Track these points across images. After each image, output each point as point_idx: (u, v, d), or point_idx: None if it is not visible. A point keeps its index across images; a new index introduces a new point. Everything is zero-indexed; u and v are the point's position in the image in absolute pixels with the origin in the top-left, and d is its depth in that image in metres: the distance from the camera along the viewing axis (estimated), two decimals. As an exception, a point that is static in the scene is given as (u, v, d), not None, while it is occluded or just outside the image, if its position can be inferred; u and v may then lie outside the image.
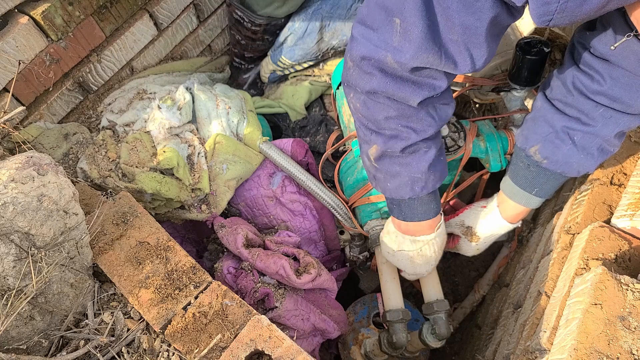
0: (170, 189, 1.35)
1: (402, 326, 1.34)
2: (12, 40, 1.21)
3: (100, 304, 1.06)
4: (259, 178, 1.53)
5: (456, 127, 1.38)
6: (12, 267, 0.87)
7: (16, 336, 0.93)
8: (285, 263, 1.27)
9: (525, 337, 1.17)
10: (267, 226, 1.58)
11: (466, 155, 1.38)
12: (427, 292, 1.37)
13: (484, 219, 1.28)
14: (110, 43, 1.48)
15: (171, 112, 1.44)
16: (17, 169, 0.91)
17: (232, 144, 1.46)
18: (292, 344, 0.92)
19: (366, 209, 1.47)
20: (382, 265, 1.43)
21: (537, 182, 1.14)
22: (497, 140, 1.42)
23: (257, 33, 1.77)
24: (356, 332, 1.61)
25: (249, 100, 1.64)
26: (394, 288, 1.40)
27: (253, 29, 1.75)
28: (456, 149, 1.34)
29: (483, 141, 1.42)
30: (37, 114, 1.38)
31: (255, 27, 1.74)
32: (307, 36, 1.73)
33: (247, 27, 1.74)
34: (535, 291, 1.26)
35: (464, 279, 2.26)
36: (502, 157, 1.42)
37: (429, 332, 1.33)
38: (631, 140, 1.29)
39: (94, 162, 1.34)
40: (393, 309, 1.35)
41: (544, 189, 1.15)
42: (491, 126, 1.47)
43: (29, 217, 0.89)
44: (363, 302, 1.73)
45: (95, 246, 1.11)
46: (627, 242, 1.03)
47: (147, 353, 0.97)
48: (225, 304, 1.02)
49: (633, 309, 0.88)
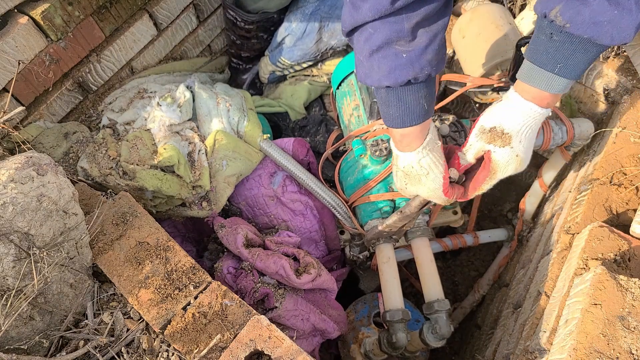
0: (171, 186, 1.35)
1: (402, 326, 1.34)
2: (11, 41, 1.21)
3: (100, 304, 1.06)
4: (260, 177, 1.54)
5: (457, 126, 1.38)
6: (12, 267, 0.87)
7: (16, 336, 0.93)
8: (285, 263, 1.27)
9: (525, 337, 1.17)
10: (268, 225, 1.58)
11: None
12: (428, 291, 1.37)
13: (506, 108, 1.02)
14: (110, 43, 1.48)
15: (171, 110, 1.45)
16: (16, 169, 0.91)
17: (233, 141, 1.47)
18: (291, 344, 0.92)
19: (366, 208, 1.47)
20: (383, 265, 1.43)
21: (560, 55, 0.92)
22: None
23: (250, 31, 1.78)
24: (356, 331, 1.61)
25: (249, 99, 1.64)
26: (394, 288, 1.40)
27: (246, 27, 1.75)
28: None
29: None
30: (36, 114, 1.38)
31: (248, 25, 1.74)
32: (306, 37, 1.73)
33: (241, 27, 1.75)
34: (535, 291, 1.26)
35: (464, 279, 2.26)
36: None
37: (430, 331, 1.33)
38: (631, 140, 1.29)
39: (94, 160, 1.34)
40: (393, 309, 1.35)
41: (569, 65, 0.92)
42: None
43: (29, 217, 0.89)
44: (364, 301, 1.73)
45: (95, 246, 1.11)
46: (626, 242, 1.03)
47: (147, 353, 0.97)
48: (225, 304, 1.02)
49: (632, 308, 0.88)
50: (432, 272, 1.39)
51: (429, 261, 1.41)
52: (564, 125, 1.44)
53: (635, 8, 0.83)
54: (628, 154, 1.26)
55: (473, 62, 1.50)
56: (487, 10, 1.52)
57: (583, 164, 1.46)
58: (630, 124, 1.31)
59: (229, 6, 1.70)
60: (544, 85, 0.96)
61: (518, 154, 1.03)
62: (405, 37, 0.92)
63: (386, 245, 1.47)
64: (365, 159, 1.44)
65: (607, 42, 0.88)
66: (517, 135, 1.01)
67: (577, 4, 0.86)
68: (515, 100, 1.00)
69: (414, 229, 1.48)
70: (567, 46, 0.91)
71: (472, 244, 1.78)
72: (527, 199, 1.71)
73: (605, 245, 1.03)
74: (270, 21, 1.76)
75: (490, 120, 1.03)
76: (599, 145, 1.41)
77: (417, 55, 0.93)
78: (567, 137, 1.42)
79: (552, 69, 0.94)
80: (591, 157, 1.41)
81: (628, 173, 1.23)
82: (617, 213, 1.17)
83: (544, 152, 1.80)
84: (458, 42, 1.59)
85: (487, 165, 1.05)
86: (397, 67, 0.94)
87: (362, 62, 0.99)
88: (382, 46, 0.93)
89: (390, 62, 0.94)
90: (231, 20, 1.75)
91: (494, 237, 1.81)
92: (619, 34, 0.86)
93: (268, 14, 1.72)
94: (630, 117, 1.33)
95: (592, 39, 0.88)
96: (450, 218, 1.69)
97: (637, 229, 1.05)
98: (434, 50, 0.95)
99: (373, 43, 0.93)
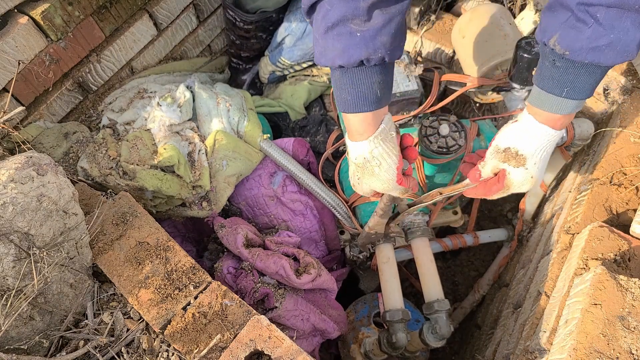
0: (171, 187, 1.35)
1: (402, 326, 1.34)
2: (11, 41, 1.21)
3: (100, 304, 1.06)
4: (260, 177, 1.54)
5: (457, 126, 1.38)
6: (12, 267, 0.87)
7: (16, 336, 0.93)
8: (285, 263, 1.27)
9: (525, 337, 1.17)
10: (268, 225, 1.58)
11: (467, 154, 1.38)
12: (428, 291, 1.37)
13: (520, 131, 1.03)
14: (109, 43, 1.48)
15: (171, 110, 1.45)
16: (16, 169, 0.91)
17: (233, 141, 1.47)
18: (291, 344, 0.92)
19: (366, 208, 1.47)
20: (383, 265, 1.43)
21: (566, 80, 0.93)
22: None
23: (250, 31, 1.78)
24: (356, 331, 1.61)
25: (249, 99, 1.64)
26: (394, 288, 1.40)
27: (245, 27, 1.76)
28: (457, 149, 1.35)
29: (483, 140, 1.42)
30: (36, 114, 1.38)
31: (247, 25, 1.75)
32: (306, 37, 1.74)
33: (240, 27, 1.76)
34: (535, 291, 1.26)
35: (464, 279, 2.26)
36: None
37: (430, 331, 1.34)
38: (631, 140, 1.29)
39: (94, 160, 1.34)
40: (393, 309, 1.35)
41: (576, 88, 0.93)
42: (492, 126, 1.48)
43: (29, 217, 0.89)
44: (364, 300, 1.73)
45: (95, 246, 1.11)
46: (626, 242, 1.03)
47: (147, 353, 0.97)
48: (225, 304, 1.02)
49: (632, 308, 0.88)
50: (432, 272, 1.39)
51: (429, 261, 1.42)
52: None
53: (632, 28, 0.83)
54: (628, 154, 1.26)
55: (473, 62, 1.50)
56: (487, 10, 1.52)
57: (583, 164, 1.46)
58: (630, 124, 1.31)
59: (229, 6, 1.70)
60: (554, 109, 0.97)
61: (533, 175, 1.04)
62: (361, 16, 0.92)
63: (386, 245, 1.47)
64: None
65: (610, 63, 0.88)
66: (532, 157, 1.03)
67: (572, 32, 0.88)
68: (529, 123, 1.01)
69: (414, 229, 1.48)
70: (570, 71, 0.92)
71: (472, 244, 1.78)
72: (527, 199, 1.71)
73: (605, 245, 1.03)
74: (269, 21, 1.76)
75: (505, 141, 1.05)
76: (599, 145, 1.41)
77: (371, 35, 0.94)
78: (567, 137, 1.42)
79: (560, 93, 0.95)
80: (591, 157, 1.42)
81: (628, 173, 1.23)
82: (617, 213, 1.17)
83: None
84: (458, 42, 1.59)
85: (501, 180, 1.06)
86: (351, 46, 0.94)
87: (317, 40, 0.99)
88: (338, 23, 0.94)
89: (344, 40, 0.95)
90: (231, 21, 1.75)
91: (494, 237, 1.80)
92: (621, 55, 0.87)
93: (267, 14, 1.73)
94: (630, 117, 1.33)
95: (594, 62, 0.88)
96: (451, 218, 1.68)
97: (637, 229, 1.05)
98: (389, 34, 0.95)
99: (329, 20, 0.94)
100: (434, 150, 1.34)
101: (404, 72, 1.53)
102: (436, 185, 1.52)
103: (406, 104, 1.51)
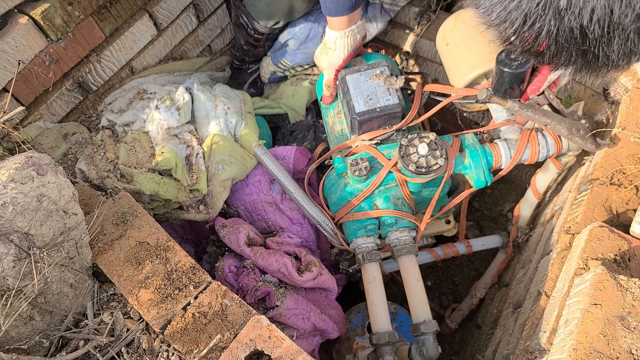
0: (169, 190, 1.35)
1: (389, 349, 1.29)
2: (11, 41, 1.21)
3: (100, 304, 1.06)
4: (260, 183, 1.53)
5: (437, 144, 1.33)
6: (12, 267, 0.87)
7: (16, 336, 0.93)
8: (287, 261, 1.27)
9: (525, 337, 1.17)
10: (266, 231, 1.57)
11: (448, 172, 1.34)
12: (415, 312, 1.31)
13: None
14: (109, 43, 1.48)
15: (169, 113, 1.44)
16: (16, 169, 0.91)
17: (229, 145, 1.46)
18: (291, 344, 0.92)
19: (352, 226, 1.42)
20: (369, 285, 1.37)
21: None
22: (481, 155, 1.37)
23: (259, 41, 1.80)
24: (350, 341, 1.57)
25: (249, 102, 1.64)
26: (381, 309, 1.34)
27: (256, 36, 1.77)
28: (437, 168, 1.30)
29: (466, 157, 1.37)
30: (36, 114, 1.38)
31: (258, 35, 1.76)
32: (309, 41, 1.74)
33: (251, 34, 1.77)
34: (535, 291, 1.26)
35: (464, 279, 2.26)
36: (487, 173, 1.37)
37: (417, 352, 1.30)
38: (631, 140, 1.29)
39: (92, 162, 1.34)
40: (379, 332, 1.30)
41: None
42: (475, 140, 1.42)
43: (29, 217, 0.89)
44: (357, 310, 1.68)
45: (95, 246, 1.11)
46: (626, 242, 1.03)
47: (147, 353, 0.97)
48: (224, 304, 1.02)
49: (632, 308, 0.88)
50: (419, 291, 1.33)
51: (415, 280, 1.35)
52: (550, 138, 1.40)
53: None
54: (628, 154, 1.26)
55: (457, 70, 1.44)
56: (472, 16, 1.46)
57: (583, 164, 1.46)
58: (630, 124, 1.31)
59: (244, 11, 1.70)
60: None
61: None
62: None
63: (372, 265, 1.39)
64: (347, 177, 1.42)
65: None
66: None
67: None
68: None
69: (400, 247, 1.39)
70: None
71: (466, 253, 1.73)
72: (521, 205, 1.67)
73: (605, 245, 1.03)
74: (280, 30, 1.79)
75: None
76: (599, 145, 1.41)
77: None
78: (555, 150, 1.41)
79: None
80: (591, 157, 1.41)
81: (628, 173, 1.23)
82: (617, 213, 1.17)
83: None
84: (442, 49, 1.52)
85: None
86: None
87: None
88: None
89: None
90: (242, 25, 1.76)
91: (487, 245, 1.76)
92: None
93: (276, 29, 1.75)
94: (630, 117, 1.33)
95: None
96: (443, 227, 1.65)
97: (637, 229, 1.05)
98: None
99: None
100: (412, 171, 1.30)
101: (384, 85, 1.45)
102: (423, 200, 1.48)
103: (387, 118, 1.44)
